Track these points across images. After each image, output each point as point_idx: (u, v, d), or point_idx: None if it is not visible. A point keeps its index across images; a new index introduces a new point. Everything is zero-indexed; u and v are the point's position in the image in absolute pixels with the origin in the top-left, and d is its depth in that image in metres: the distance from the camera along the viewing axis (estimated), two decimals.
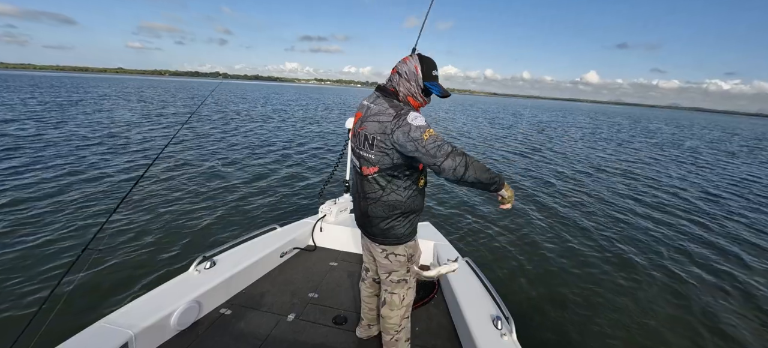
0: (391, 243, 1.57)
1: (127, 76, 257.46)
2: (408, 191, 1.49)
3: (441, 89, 1.46)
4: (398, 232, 1.54)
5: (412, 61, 1.44)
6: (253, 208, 5.36)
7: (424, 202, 1.63)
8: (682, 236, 5.32)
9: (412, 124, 1.32)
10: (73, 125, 12.06)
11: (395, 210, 1.50)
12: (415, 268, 1.64)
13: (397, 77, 1.45)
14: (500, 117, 31.43)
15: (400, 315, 1.68)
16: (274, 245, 2.64)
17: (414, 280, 1.69)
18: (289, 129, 14.74)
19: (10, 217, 4.33)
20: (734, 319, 3.34)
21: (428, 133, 1.31)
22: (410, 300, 1.69)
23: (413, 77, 1.42)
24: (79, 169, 6.78)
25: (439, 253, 2.66)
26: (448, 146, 1.30)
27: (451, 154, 1.28)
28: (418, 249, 1.68)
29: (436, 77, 1.45)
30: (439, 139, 1.32)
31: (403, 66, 1.44)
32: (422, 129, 1.31)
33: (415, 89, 1.43)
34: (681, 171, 10.86)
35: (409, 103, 1.45)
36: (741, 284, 3.99)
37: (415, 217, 1.58)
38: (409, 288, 1.67)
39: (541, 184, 7.95)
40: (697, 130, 34.43)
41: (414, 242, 1.63)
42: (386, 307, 1.68)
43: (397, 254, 1.59)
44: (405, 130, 1.32)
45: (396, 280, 1.65)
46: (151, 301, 1.85)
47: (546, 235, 4.98)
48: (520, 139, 16.20)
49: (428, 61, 1.44)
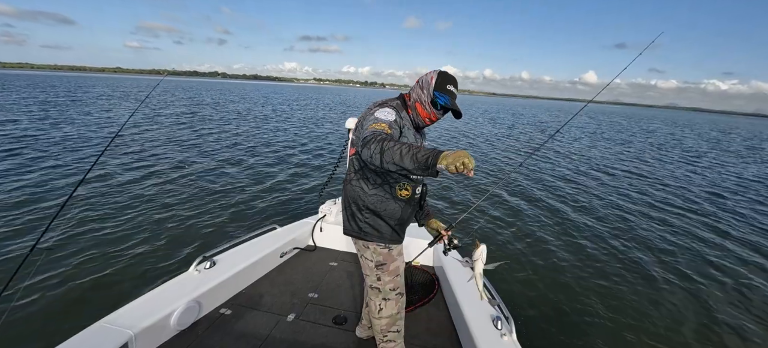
0: (356, 235, 1.55)
1: (125, 76, 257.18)
2: (376, 190, 1.48)
3: (448, 99, 1.40)
4: (359, 224, 1.53)
5: (433, 73, 1.44)
6: (253, 208, 5.35)
7: (404, 213, 1.54)
8: (687, 236, 5.32)
9: (373, 115, 1.35)
10: (71, 126, 12.04)
11: (359, 198, 1.51)
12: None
13: (415, 85, 1.48)
14: (500, 116, 31.44)
15: (382, 326, 1.62)
16: (274, 245, 2.64)
17: (394, 294, 1.59)
18: (289, 129, 14.72)
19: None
20: (734, 322, 3.34)
21: (374, 126, 1.26)
22: (391, 312, 1.60)
23: (426, 85, 1.42)
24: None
25: (439, 253, 2.66)
26: (370, 135, 1.20)
27: (368, 144, 1.17)
28: (393, 261, 1.57)
29: (450, 92, 1.41)
30: (377, 132, 1.22)
31: (424, 76, 1.47)
32: (375, 120, 1.31)
33: (425, 97, 1.42)
34: (681, 170, 10.88)
35: (416, 110, 1.46)
36: (743, 288, 4.00)
37: (379, 221, 1.51)
38: (385, 299, 1.59)
39: (542, 183, 7.95)
40: (699, 129, 34.47)
41: (387, 251, 1.55)
42: (369, 310, 1.68)
43: (365, 257, 1.57)
44: (365, 119, 1.39)
45: (370, 285, 1.61)
46: (150, 301, 1.85)
47: (546, 234, 4.98)
48: (522, 140, 16.21)
49: (448, 77, 1.42)
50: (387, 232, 1.54)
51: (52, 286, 3.11)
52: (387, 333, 1.64)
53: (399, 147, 1.09)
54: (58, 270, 3.35)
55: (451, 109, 1.42)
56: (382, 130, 1.24)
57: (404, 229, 1.62)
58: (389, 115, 1.36)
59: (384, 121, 1.31)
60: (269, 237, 2.74)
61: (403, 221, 1.57)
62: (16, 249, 3.68)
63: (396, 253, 1.59)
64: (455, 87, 1.42)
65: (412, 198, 1.54)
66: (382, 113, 1.36)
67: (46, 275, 3.25)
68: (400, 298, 1.62)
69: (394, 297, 1.60)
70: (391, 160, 1.09)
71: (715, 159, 14.28)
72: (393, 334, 1.65)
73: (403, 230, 1.61)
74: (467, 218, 5.41)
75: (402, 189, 1.49)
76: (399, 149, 1.08)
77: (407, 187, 1.50)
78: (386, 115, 1.35)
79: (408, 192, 1.51)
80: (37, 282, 3.13)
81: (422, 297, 2.37)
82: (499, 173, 9.04)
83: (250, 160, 8.46)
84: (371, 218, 1.52)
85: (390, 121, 1.33)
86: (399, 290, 1.61)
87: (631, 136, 21.90)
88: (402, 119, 1.43)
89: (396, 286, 1.60)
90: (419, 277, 2.58)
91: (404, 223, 1.59)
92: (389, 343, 1.66)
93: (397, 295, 1.61)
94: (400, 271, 1.61)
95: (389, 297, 1.59)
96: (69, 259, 3.52)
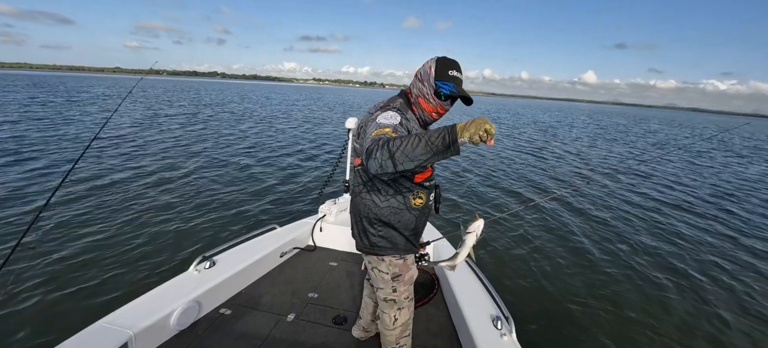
0: (368, 251, 1.48)
1: (125, 76, 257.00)
2: (389, 201, 1.38)
3: (453, 86, 1.26)
4: (372, 239, 1.45)
5: (430, 61, 1.31)
6: (253, 207, 5.35)
7: (419, 222, 1.47)
8: (687, 236, 5.32)
9: (377, 121, 1.23)
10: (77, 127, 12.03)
11: (370, 212, 1.41)
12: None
13: (414, 79, 1.37)
14: (502, 117, 31.45)
15: (396, 335, 1.59)
16: (274, 245, 2.64)
17: (407, 301, 1.57)
18: (290, 129, 14.72)
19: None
20: (735, 323, 3.34)
21: (377, 132, 1.14)
22: (405, 320, 1.58)
23: (426, 77, 1.30)
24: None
25: (439, 253, 2.66)
26: (371, 143, 1.08)
27: (372, 153, 1.05)
28: (409, 270, 1.52)
29: (454, 78, 1.27)
30: (379, 138, 1.10)
31: (421, 67, 1.34)
32: (378, 126, 1.19)
33: (427, 90, 1.30)
34: (680, 170, 10.89)
35: (420, 106, 1.34)
36: (743, 289, 4.00)
37: (393, 233, 1.43)
38: (399, 309, 1.55)
39: (542, 183, 7.95)
40: (700, 130, 34.46)
41: (402, 262, 1.49)
42: (381, 323, 1.63)
43: (380, 270, 1.49)
44: (368, 125, 1.28)
45: (383, 298, 1.55)
46: (150, 301, 1.85)
47: (547, 234, 4.98)
48: (526, 138, 16.22)
49: (448, 61, 1.29)
50: (402, 244, 1.46)
51: (52, 286, 3.10)
52: (400, 339, 1.61)
53: (407, 141, 1.00)
54: (57, 270, 3.34)
55: (460, 96, 1.28)
56: (385, 135, 1.11)
57: (418, 239, 1.55)
58: (393, 118, 1.23)
59: (388, 125, 1.19)
60: (269, 237, 2.74)
61: (418, 231, 1.50)
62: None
63: (410, 262, 1.53)
64: (459, 71, 1.29)
65: (426, 206, 1.46)
66: (384, 117, 1.23)
67: (46, 275, 3.25)
68: (411, 303, 1.61)
69: (408, 304, 1.58)
70: (405, 158, 0.99)
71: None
72: (405, 338, 1.63)
73: (417, 240, 1.53)
74: (467, 218, 5.41)
75: (416, 197, 1.40)
76: (409, 143, 0.99)
77: (421, 194, 1.41)
78: (390, 120, 1.22)
79: (422, 200, 1.42)
80: (37, 282, 3.13)
81: (422, 297, 2.37)
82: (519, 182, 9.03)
83: (250, 160, 8.46)
84: (385, 231, 1.43)
85: (394, 125, 1.19)
86: (411, 296, 1.59)
87: (631, 135, 21.92)
88: (408, 120, 1.30)
89: (409, 293, 1.57)
90: (419, 277, 2.58)
91: (419, 233, 1.52)
92: None
93: (409, 301, 1.58)
94: (414, 277, 1.57)
95: (403, 305, 1.56)
96: (69, 260, 3.52)
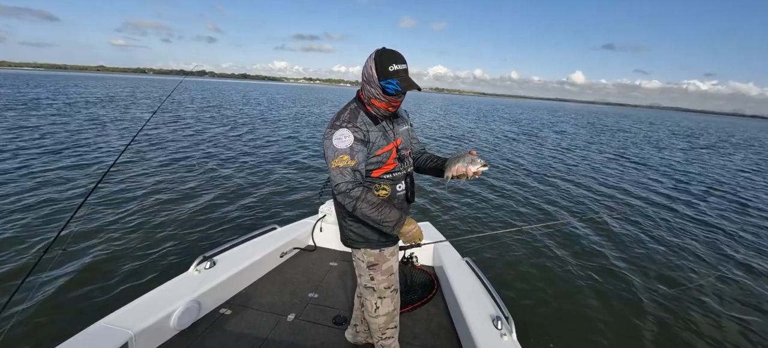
0: (345, 244, 1.54)
1: (108, 75, 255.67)
2: None
3: (397, 83, 1.26)
4: (347, 234, 1.50)
5: (369, 60, 1.29)
6: (253, 208, 5.35)
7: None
8: (689, 237, 5.34)
9: (331, 144, 1.30)
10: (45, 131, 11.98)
11: (343, 208, 1.44)
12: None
13: (362, 81, 1.36)
14: (494, 116, 31.46)
15: (379, 324, 1.61)
16: (273, 245, 2.64)
17: (389, 292, 1.57)
18: (289, 129, 14.72)
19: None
20: (736, 323, 3.35)
21: (338, 162, 1.27)
22: (388, 310, 1.58)
23: (371, 79, 1.30)
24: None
25: (439, 253, 2.66)
26: (343, 186, 1.28)
27: (343, 195, 1.29)
28: (386, 261, 1.53)
29: (396, 73, 1.26)
30: (344, 171, 1.27)
31: (364, 68, 1.32)
32: (336, 153, 1.28)
33: (376, 91, 1.30)
34: (673, 161, 10.93)
35: (374, 105, 1.35)
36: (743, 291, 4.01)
37: (363, 228, 1.45)
38: (381, 298, 1.56)
39: (542, 183, 7.97)
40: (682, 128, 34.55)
41: (378, 252, 1.50)
42: (365, 310, 1.65)
43: (356, 257, 1.55)
44: (325, 145, 1.33)
45: (364, 285, 1.58)
46: (150, 301, 1.85)
47: (547, 234, 4.98)
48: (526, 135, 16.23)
49: (386, 55, 1.26)
50: (374, 238, 1.47)
51: (51, 286, 3.10)
52: (386, 330, 1.63)
53: (371, 209, 1.29)
54: (57, 270, 3.34)
55: (407, 89, 1.29)
56: (347, 176, 1.28)
57: None
58: (346, 139, 1.28)
59: (343, 151, 1.27)
60: (269, 237, 2.74)
61: None
62: (17, 254, 3.67)
63: (388, 254, 1.53)
64: (400, 62, 1.27)
65: (393, 197, 1.45)
66: (339, 140, 1.29)
67: (46, 276, 3.24)
68: (395, 294, 1.60)
69: (390, 294, 1.58)
70: (361, 215, 1.31)
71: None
72: (391, 330, 1.65)
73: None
74: (467, 218, 5.41)
75: (379, 190, 1.41)
76: (370, 212, 1.29)
77: (384, 186, 1.42)
78: (343, 142, 1.28)
79: (387, 191, 1.42)
80: (37, 282, 3.12)
81: (422, 297, 2.37)
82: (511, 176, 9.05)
83: (249, 160, 8.45)
84: (355, 226, 1.46)
85: (348, 149, 1.28)
86: (394, 287, 1.59)
87: (613, 135, 21.97)
88: (362, 125, 1.33)
89: (390, 284, 1.57)
90: (419, 277, 2.59)
91: None
92: (388, 340, 1.66)
93: (392, 292, 1.58)
94: (393, 270, 1.57)
95: (384, 295, 1.56)
96: (68, 260, 3.51)
